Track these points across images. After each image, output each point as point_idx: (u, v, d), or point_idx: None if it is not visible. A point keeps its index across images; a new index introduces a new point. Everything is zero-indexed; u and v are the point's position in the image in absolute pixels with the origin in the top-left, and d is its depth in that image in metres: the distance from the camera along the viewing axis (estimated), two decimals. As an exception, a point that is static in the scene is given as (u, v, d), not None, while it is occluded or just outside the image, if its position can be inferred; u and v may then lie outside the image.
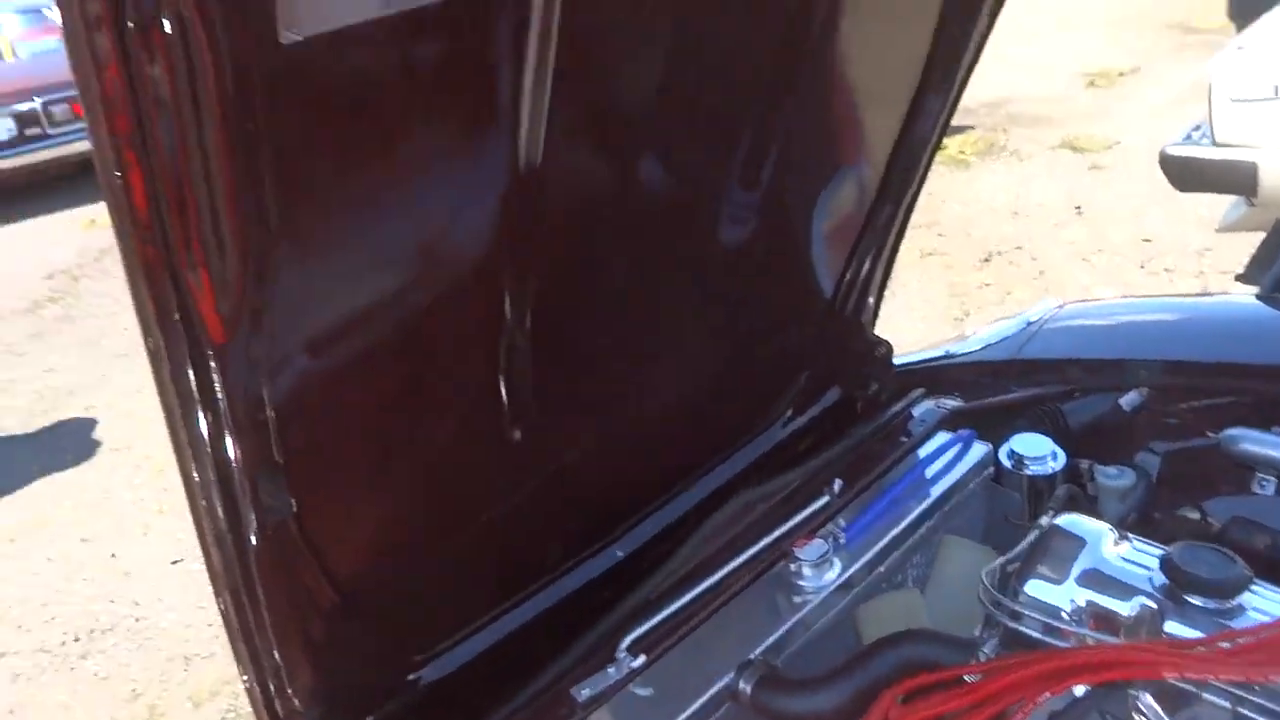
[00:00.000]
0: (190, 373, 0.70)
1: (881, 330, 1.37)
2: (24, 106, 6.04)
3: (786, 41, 1.06)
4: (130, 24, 0.58)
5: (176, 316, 0.68)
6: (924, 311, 3.60)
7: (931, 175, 1.26)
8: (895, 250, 1.31)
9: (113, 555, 2.94)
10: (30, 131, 6.09)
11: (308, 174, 0.78)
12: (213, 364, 0.71)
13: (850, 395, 1.37)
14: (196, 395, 0.71)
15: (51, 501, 3.29)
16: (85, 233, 5.73)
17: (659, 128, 1.01)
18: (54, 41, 5.77)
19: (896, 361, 1.38)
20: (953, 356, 1.48)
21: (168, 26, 0.59)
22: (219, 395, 0.72)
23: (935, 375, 1.43)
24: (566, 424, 1.04)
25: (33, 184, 6.38)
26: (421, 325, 0.90)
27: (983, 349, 1.46)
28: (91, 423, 3.77)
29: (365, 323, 0.85)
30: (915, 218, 1.29)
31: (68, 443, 3.64)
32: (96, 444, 3.61)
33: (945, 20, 1.13)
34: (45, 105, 6.03)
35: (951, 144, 5.06)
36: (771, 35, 1.05)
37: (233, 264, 0.70)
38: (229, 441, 0.74)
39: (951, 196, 4.65)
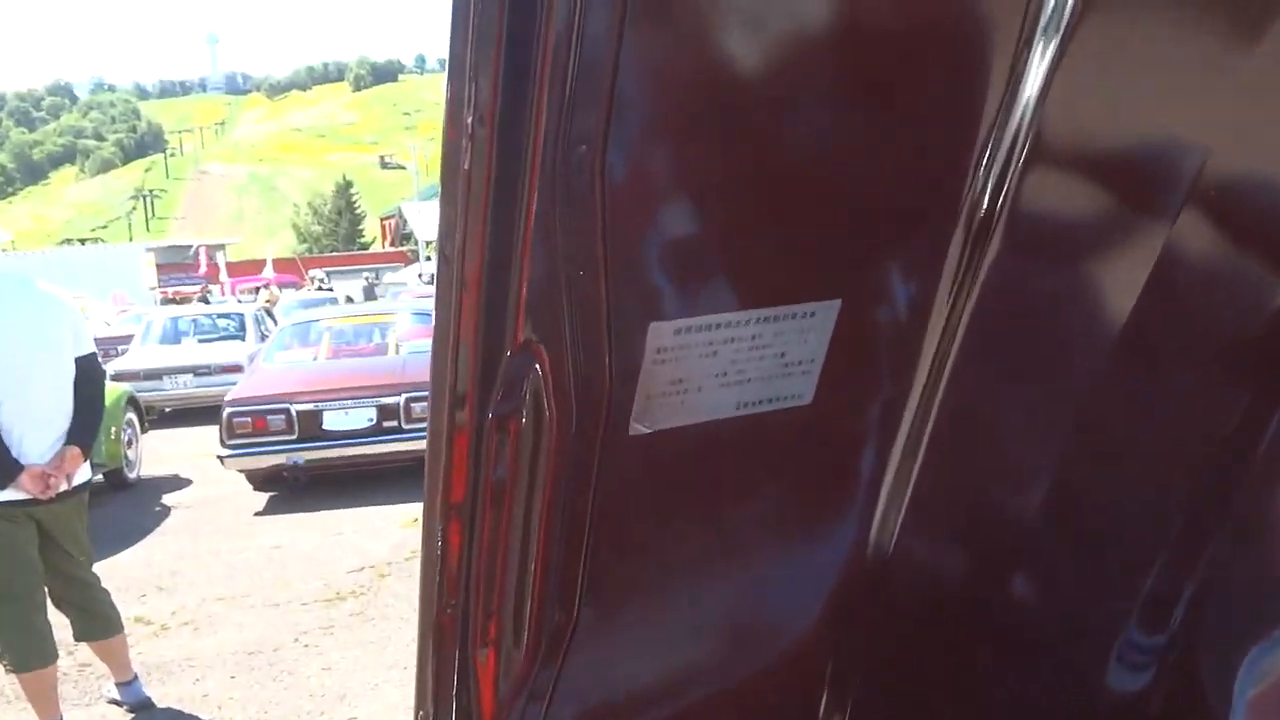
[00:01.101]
0: None
1: None
2: (389, 400, 7.52)
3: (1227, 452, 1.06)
4: (491, 414, 0.78)
5: (454, 692, 0.79)
6: None
7: None
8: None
9: None
10: (388, 424, 7.50)
11: (625, 548, 0.95)
12: None
13: None
14: None
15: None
16: (403, 530, 6.73)
17: (1036, 535, 1.03)
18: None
19: None
20: None
21: (525, 418, 0.78)
22: None
23: None
24: None
25: (376, 473, 7.76)
26: (720, 709, 1.03)
27: None
28: (350, 736, 4.14)
29: (650, 703, 1.00)
30: None
31: (323, 756, 4.01)
32: (349, 763, 3.93)
33: None
34: (407, 401, 7.45)
35: None
36: (1201, 449, 1.07)
37: (526, 647, 0.82)
38: None
39: None
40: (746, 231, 1.14)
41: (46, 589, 3.84)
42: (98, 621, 4.00)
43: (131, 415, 8.83)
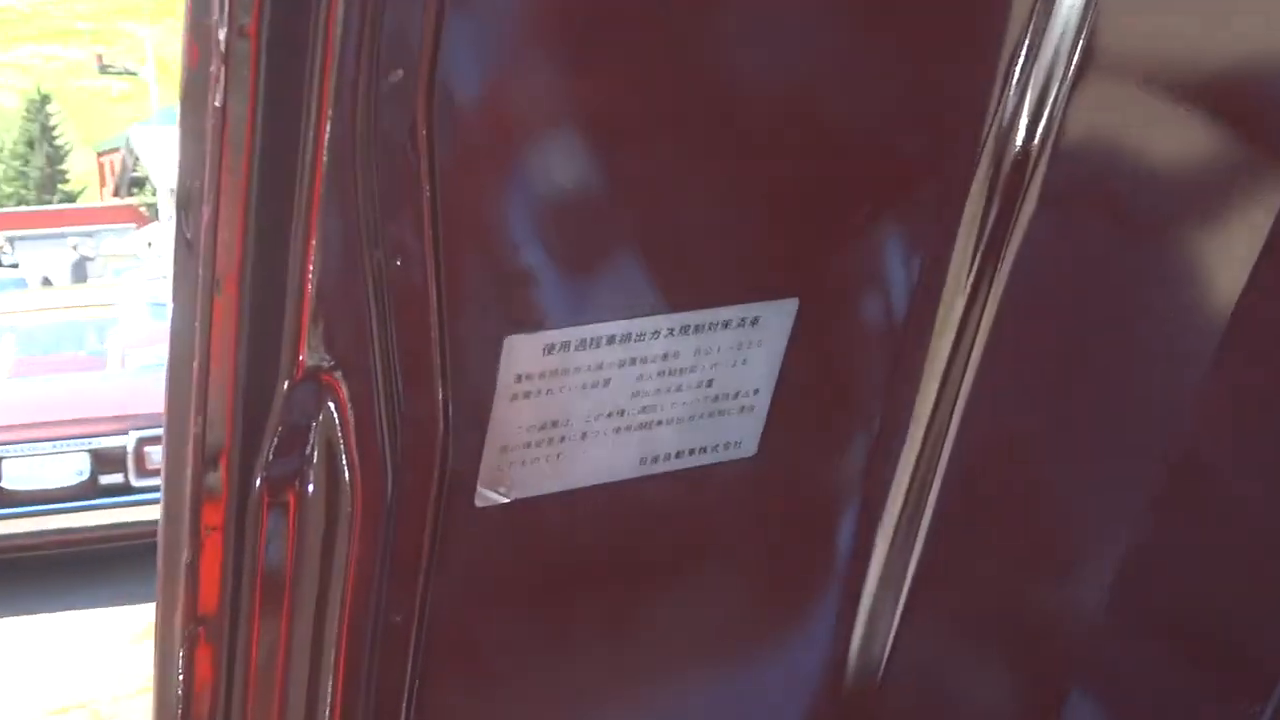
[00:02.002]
0: None
1: None
2: (109, 442, 7.36)
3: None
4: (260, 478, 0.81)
5: None
6: None
7: None
8: None
9: None
10: (108, 480, 7.34)
11: (478, 682, 1.06)
12: None
13: None
14: None
15: None
16: (133, 647, 6.57)
17: (1104, 652, 1.11)
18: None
19: None
20: None
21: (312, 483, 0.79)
22: None
23: None
24: None
25: (91, 557, 7.56)
26: None
27: None
28: None
29: None
30: None
31: None
32: None
33: None
34: (139, 444, 7.31)
35: None
36: None
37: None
38: None
39: None
40: (659, 196, 1.16)
41: None
42: None
43: None
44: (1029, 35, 1.18)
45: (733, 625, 1.49)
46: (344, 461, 1.07)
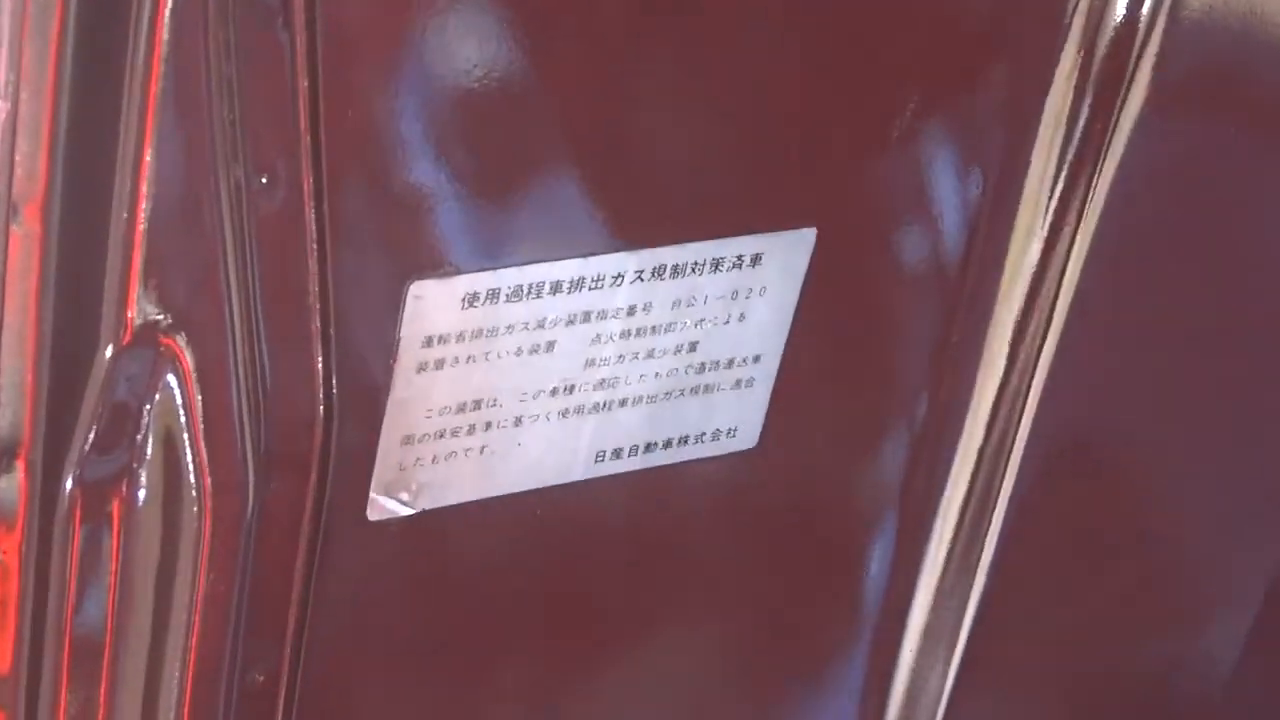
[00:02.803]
0: None
1: None
2: None
3: None
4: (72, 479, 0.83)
5: None
6: None
7: None
8: None
9: None
10: None
11: None
12: None
13: None
14: None
15: None
16: None
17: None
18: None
19: None
20: None
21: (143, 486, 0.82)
22: None
23: None
24: None
25: None
26: None
27: None
28: None
29: None
30: None
31: None
32: None
33: None
34: None
35: None
36: None
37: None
38: None
39: None
40: (620, 83, 1.17)
41: None
42: None
43: None
44: None
45: (722, 691, 1.51)
46: (188, 458, 1.07)
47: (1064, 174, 1.31)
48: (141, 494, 1.05)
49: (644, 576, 1.40)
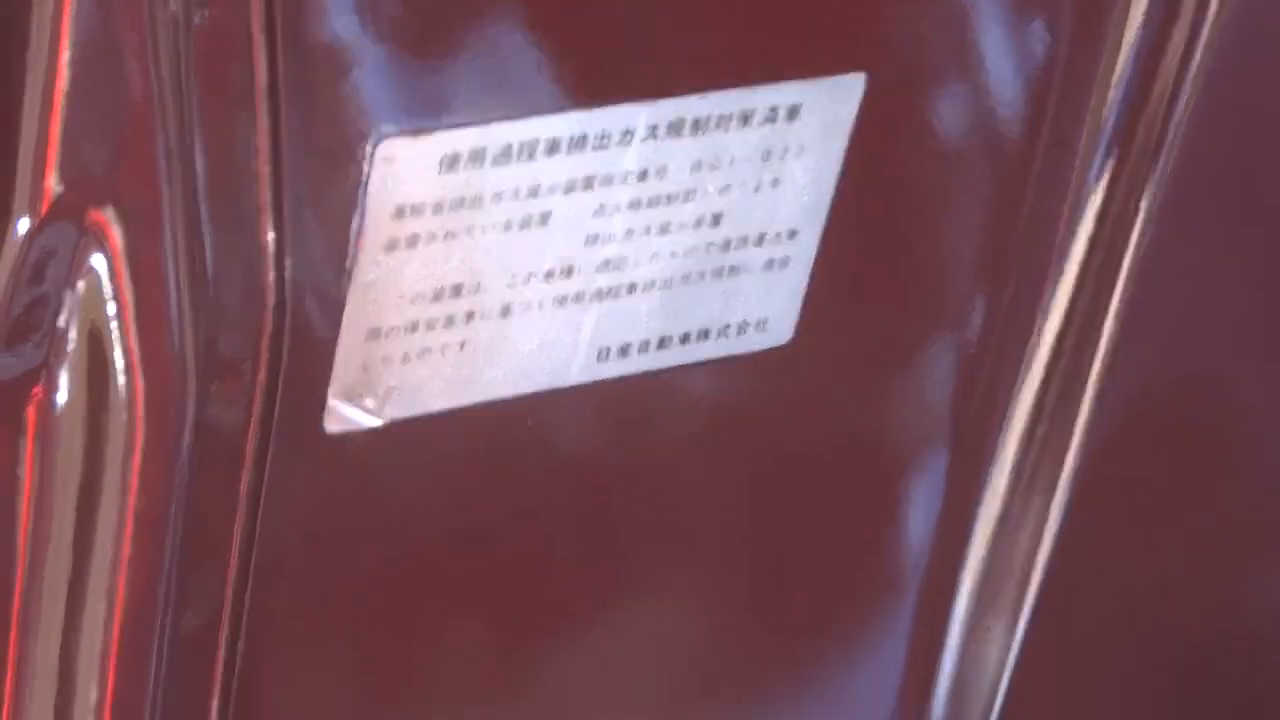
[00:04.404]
0: None
1: None
2: None
3: None
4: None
5: None
6: None
7: None
8: None
9: None
10: None
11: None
12: None
13: None
14: None
15: None
16: None
17: None
18: None
19: None
20: None
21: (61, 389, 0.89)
22: None
23: None
24: None
25: None
26: None
27: None
28: None
29: None
30: None
31: None
32: None
33: None
34: None
35: None
36: None
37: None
38: None
39: None
40: None
41: None
42: None
43: None
44: None
45: (742, 652, 1.48)
46: (116, 354, 1.01)
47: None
48: (60, 397, 1.00)
49: (652, 501, 1.35)
